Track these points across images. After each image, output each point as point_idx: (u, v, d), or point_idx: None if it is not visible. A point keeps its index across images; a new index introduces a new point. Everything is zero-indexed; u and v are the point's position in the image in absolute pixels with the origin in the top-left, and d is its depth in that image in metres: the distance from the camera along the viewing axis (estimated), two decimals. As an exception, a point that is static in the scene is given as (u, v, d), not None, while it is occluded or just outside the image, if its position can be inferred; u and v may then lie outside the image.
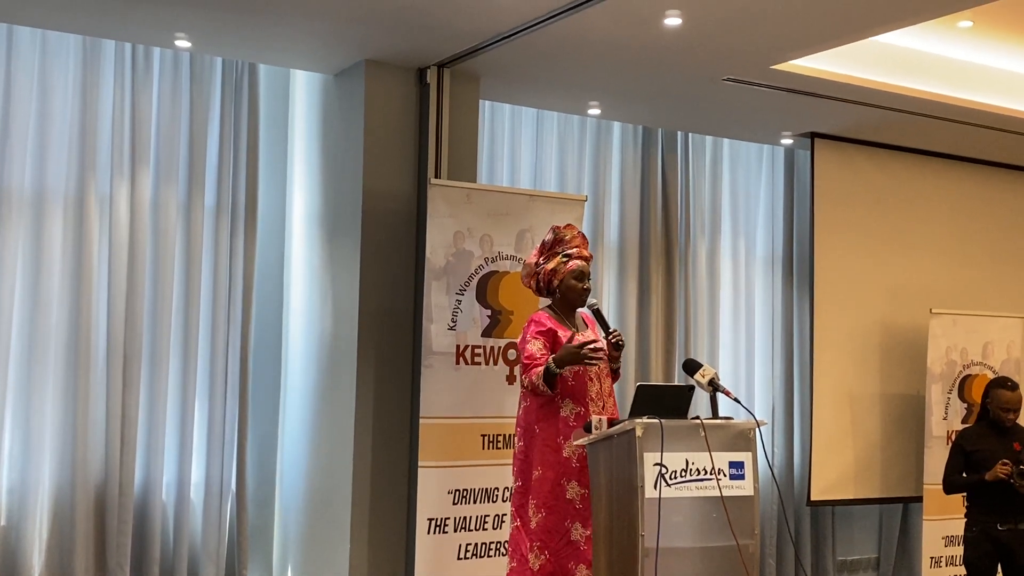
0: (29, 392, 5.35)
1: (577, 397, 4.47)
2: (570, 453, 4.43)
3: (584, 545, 4.40)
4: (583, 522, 4.41)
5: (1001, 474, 5.34)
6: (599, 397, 4.51)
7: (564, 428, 4.45)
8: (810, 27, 5.07)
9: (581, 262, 4.61)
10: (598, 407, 4.48)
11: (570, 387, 4.47)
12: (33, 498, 5.34)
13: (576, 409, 4.47)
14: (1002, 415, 5.60)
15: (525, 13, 4.94)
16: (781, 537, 7.23)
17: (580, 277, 4.59)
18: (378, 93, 5.67)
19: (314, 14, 5.00)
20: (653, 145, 7.02)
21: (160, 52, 5.69)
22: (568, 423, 4.45)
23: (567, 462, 4.43)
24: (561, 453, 4.44)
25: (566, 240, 4.65)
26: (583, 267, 4.60)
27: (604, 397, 4.53)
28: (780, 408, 7.29)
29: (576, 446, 4.37)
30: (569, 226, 4.72)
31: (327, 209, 5.90)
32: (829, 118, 6.63)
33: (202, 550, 5.67)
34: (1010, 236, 7.74)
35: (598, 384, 4.52)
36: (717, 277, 7.23)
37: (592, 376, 4.50)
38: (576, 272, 4.58)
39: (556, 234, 4.67)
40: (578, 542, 4.41)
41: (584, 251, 4.66)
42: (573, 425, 4.43)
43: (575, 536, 4.41)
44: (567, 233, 4.67)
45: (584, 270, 4.60)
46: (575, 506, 4.42)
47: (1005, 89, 6.46)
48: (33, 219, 5.42)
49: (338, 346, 5.72)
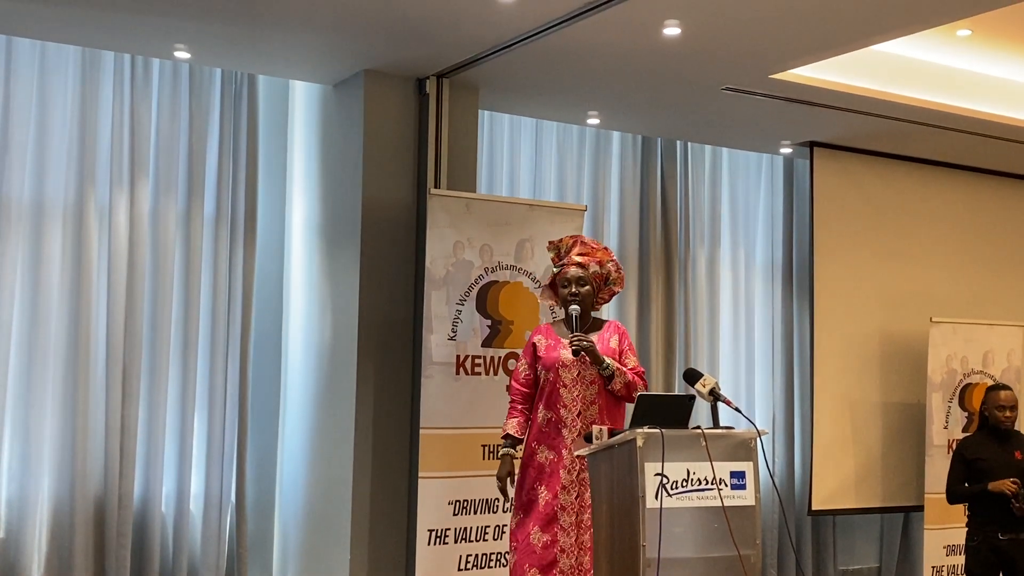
0: (28, 403, 5.35)
1: (550, 404, 4.52)
2: (543, 459, 4.48)
3: (541, 550, 4.42)
4: (544, 527, 4.44)
5: (1007, 490, 5.34)
6: (575, 403, 4.50)
7: (537, 434, 4.54)
8: (809, 36, 5.07)
9: (572, 268, 4.59)
10: (573, 414, 4.49)
11: (545, 394, 4.53)
12: (32, 510, 5.33)
13: (548, 415, 4.52)
14: (999, 415, 5.59)
15: (524, 23, 4.94)
16: (782, 547, 7.21)
17: (566, 283, 4.59)
18: (377, 103, 5.68)
19: (313, 25, 5.01)
20: (652, 154, 7.03)
21: (159, 63, 5.69)
22: (541, 429, 4.53)
23: (540, 467, 4.50)
24: (535, 458, 4.52)
25: (562, 251, 4.69)
26: (571, 274, 4.57)
27: (585, 404, 4.50)
28: (781, 417, 7.29)
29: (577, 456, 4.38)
30: (570, 236, 4.75)
31: (327, 219, 5.90)
32: (828, 127, 6.63)
33: (202, 562, 5.66)
34: (1010, 244, 7.75)
35: (575, 390, 4.50)
36: (717, 286, 7.23)
37: (567, 382, 4.50)
38: (563, 280, 4.60)
39: (553, 248, 4.73)
40: (535, 545, 4.43)
41: (577, 257, 4.60)
42: (545, 431, 4.51)
43: (533, 539, 4.44)
44: (561, 245, 4.70)
45: (571, 276, 4.57)
46: (539, 510, 4.46)
47: (1004, 98, 6.47)
48: (33, 230, 5.42)
49: (338, 356, 5.71)
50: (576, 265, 4.58)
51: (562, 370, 4.51)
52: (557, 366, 4.51)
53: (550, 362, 4.53)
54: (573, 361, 4.49)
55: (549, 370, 4.53)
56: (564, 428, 4.47)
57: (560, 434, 4.47)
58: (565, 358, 4.51)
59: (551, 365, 4.53)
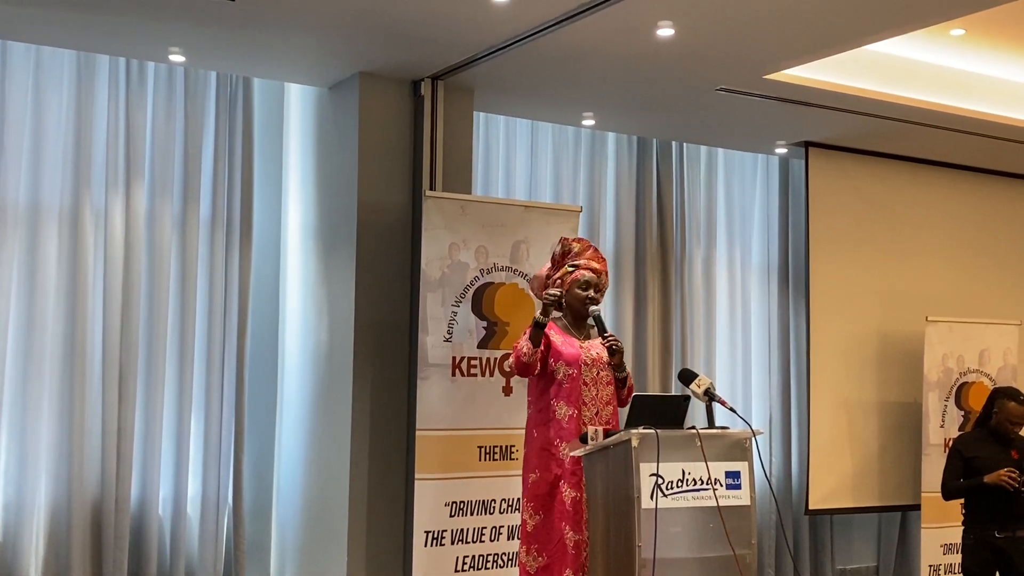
0: (25, 407, 5.34)
1: (571, 400, 4.51)
2: (564, 456, 4.46)
3: (573, 550, 4.42)
4: (574, 526, 4.43)
5: (1004, 482, 5.32)
6: (594, 403, 4.52)
7: (559, 431, 4.50)
8: (803, 36, 5.08)
9: (588, 272, 4.62)
10: (591, 412, 4.51)
11: (564, 390, 4.51)
12: (29, 514, 5.33)
13: (570, 412, 4.50)
14: (1008, 427, 5.56)
15: (518, 25, 4.95)
16: (780, 547, 7.22)
17: (585, 286, 4.60)
18: (372, 106, 5.68)
19: (308, 27, 5.01)
20: (648, 155, 7.03)
21: (154, 66, 5.69)
22: (562, 425, 4.49)
23: (561, 464, 4.47)
24: (556, 456, 4.49)
25: (574, 251, 4.70)
26: (590, 277, 4.61)
27: (600, 404, 4.54)
28: (777, 417, 7.29)
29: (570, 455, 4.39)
30: (578, 238, 4.79)
31: (322, 221, 5.90)
32: (823, 127, 6.64)
33: (199, 564, 5.66)
34: (1005, 243, 7.76)
35: (595, 390, 4.54)
36: (713, 286, 7.24)
37: (588, 381, 4.53)
38: (581, 282, 4.60)
39: (564, 246, 4.73)
40: (568, 546, 4.43)
41: (594, 263, 4.66)
42: (567, 428, 4.48)
43: (567, 540, 4.43)
44: (575, 245, 4.72)
45: (591, 280, 4.61)
46: (567, 509, 4.44)
47: (998, 97, 6.48)
48: (28, 233, 5.42)
49: (334, 358, 5.71)
50: (594, 271, 4.62)
51: (584, 368, 4.53)
52: (580, 363, 4.53)
53: (573, 359, 4.53)
54: (594, 360, 4.54)
55: (572, 366, 4.52)
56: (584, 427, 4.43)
57: (581, 432, 4.45)
58: (588, 356, 4.53)
59: (574, 361, 4.53)
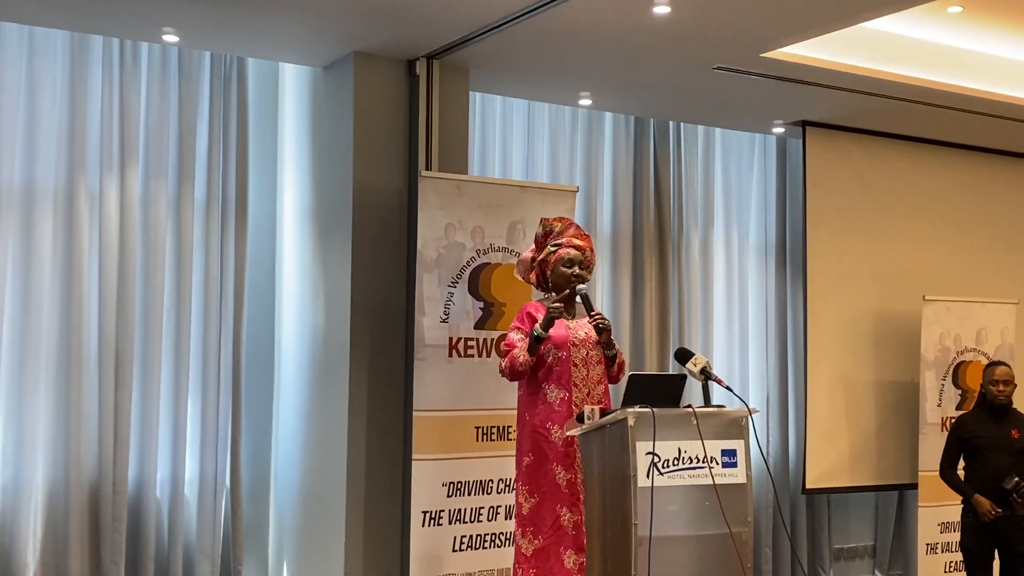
0: (21, 390, 5.34)
1: (562, 383, 4.51)
2: (557, 438, 4.46)
3: (573, 531, 4.43)
4: (571, 507, 4.44)
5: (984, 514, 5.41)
6: (584, 383, 4.52)
7: (551, 413, 4.50)
8: (800, 14, 5.06)
9: (572, 250, 4.61)
10: (583, 393, 4.51)
11: (555, 372, 4.51)
12: (27, 497, 5.33)
13: (561, 394, 4.51)
14: (993, 390, 5.61)
15: (514, 3, 4.92)
16: (777, 526, 7.23)
17: (569, 264, 4.59)
18: (367, 86, 5.66)
19: (302, 6, 4.99)
20: (645, 135, 7.01)
21: (148, 47, 5.66)
22: (553, 408, 4.50)
23: (554, 447, 4.48)
24: (549, 438, 4.49)
25: (555, 231, 4.70)
26: (573, 255, 4.61)
27: (592, 384, 4.54)
28: (775, 396, 7.30)
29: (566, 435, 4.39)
30: (559, 218, 4.77)
31: (318, 203, 5.89)
32: (820, 106, 6.62)
33: (197, 546, 5.67)
34: (1002, 222, 7.75)
35: (585, 370, 4.54)
36: (710, 266, 7.23)
37: (577, 362, 4.53)
38: (565, 259, 4.60)
39: (545, 227, 4.73)
40: (566, 527, 4.44)
41: (576, 240, 4.66)
42: (558, 410, 4.48)
43: (564, 521, 4.44)
44: (557, 224, 4.72)
45: (574, 258, 4.60)
46: (562, 491, 4.45)
47: (996, 75, 6.45)
48: (23, 216, 5.40)
49: (331, 340, 5.71)
50: (577, 248, 4.62)
51: (574, 349, 4.53)
52: (569, 344, 4.52)
53: (561, 340, 4.53)
54: (583, 340, 4.53)
55: (560, 348, 4.52)
56: (576, 408, 4.44)
57: (573, 414, 4.46)
58: (576, 337, 4.53)
59: (563, 343, 4.53)
